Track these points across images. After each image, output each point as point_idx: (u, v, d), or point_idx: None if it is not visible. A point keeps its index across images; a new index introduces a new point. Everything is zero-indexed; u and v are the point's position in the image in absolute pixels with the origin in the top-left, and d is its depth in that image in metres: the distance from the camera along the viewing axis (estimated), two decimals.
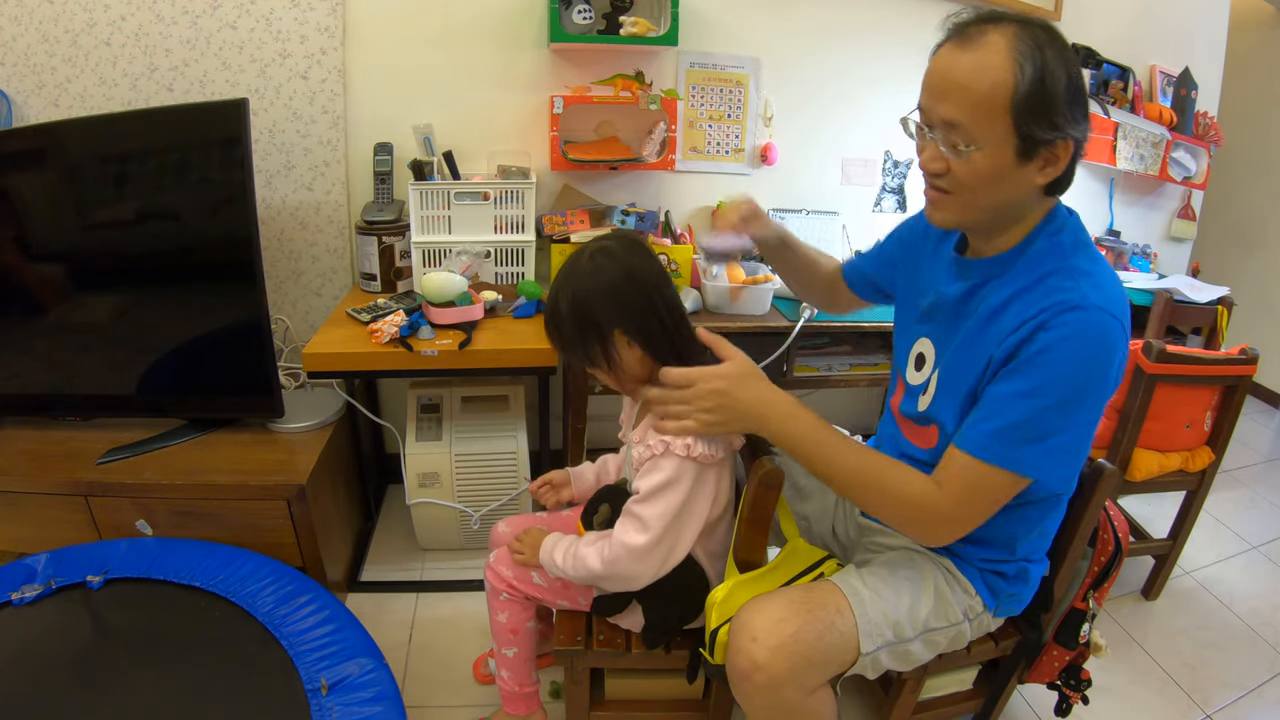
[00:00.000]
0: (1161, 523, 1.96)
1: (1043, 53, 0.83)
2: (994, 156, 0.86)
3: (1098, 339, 0.85)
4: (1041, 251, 0.93)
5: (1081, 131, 0.87)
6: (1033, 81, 0.82)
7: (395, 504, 2.09)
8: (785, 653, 0.93)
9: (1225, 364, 1.64)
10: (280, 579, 1.36)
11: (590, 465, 1.34)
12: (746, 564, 1.09)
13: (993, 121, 0.84)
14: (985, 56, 0.84)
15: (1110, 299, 0.87)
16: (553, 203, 2.05)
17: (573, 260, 1.04)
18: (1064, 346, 0.85)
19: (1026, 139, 0.84)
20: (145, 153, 1.52)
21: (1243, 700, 1.57)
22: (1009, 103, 0.83)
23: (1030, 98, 0.83)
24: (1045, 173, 0.88)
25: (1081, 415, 0.88)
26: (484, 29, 1.90)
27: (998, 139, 0.85)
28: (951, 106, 0.86)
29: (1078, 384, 0.86)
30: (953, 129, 0.86)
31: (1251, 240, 3.30)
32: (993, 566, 1.07)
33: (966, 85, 0.84)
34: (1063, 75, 0.83)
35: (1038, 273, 0.91)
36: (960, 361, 0.98)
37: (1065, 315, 0.85)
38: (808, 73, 2.11)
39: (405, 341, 1.59)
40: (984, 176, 0.88)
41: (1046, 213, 0.95)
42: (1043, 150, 0.86)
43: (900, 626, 1.01)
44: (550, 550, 1.12)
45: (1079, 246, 0.93)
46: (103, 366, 1.64)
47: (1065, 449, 0.88)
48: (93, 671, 1.17)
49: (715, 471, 1.06)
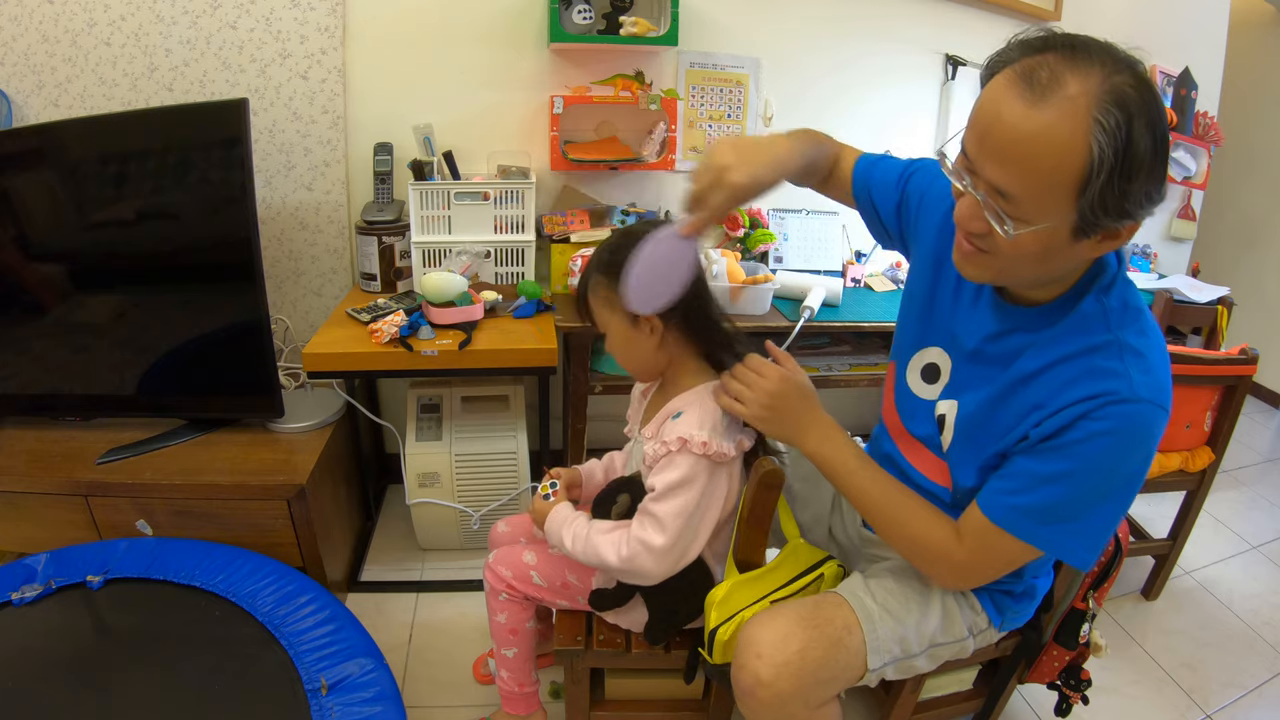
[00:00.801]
0: (1161, 523, 1.95)
1: (1130, 124, 0.66)
2: (1046, 237, 0.73)
3: (1144, 434, 0.79)
4: (1088, 315, 0.82)
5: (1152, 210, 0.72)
6: (1110, 168, 0.67)
7: (395, 504, 2.09)
8: (791, 670, 0.92)
9: (1225, 364, 1.64)
10: (280, 579, 1.36)
11: (598, 463, 1.33)
12: (746, 564, 1.09)
13: (1053, 204, 0.70)
14: (1058, 122, 0.67)
15: (1159, 387, 0.79)
16: (553, 203, 2.05)
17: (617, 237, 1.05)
18: (1106, 441, 0.78)
19: (1088, 222, 0.71)
20: (145, 153, 1.52)
21: (1243, 700, 1.57)
22: (1076, 187, 0.69)
23: (1105, 186, 0.68)
24: (1102, 247, 0.76)
25: (1112, 504, 0.84)
26: (484, 29, 1.90)
27: (1054, 220, 0.71)
28: (1006, 175, 0.71)
29: (1115, 478, 0.82)
30: (1003, 198, 0.72)
31: (1251, 240, 3.30)
32: (1002, 588, 1.06)
33: (1028, 155, 0.69)
34: (1148, 152, 0.67)
35: (1083, 343, 0.81)
36: (985, 420, 0.91)
37: (1112, 409, 0.77)
38: (808, 72, 2.11)
39: (405, 341, 1.59)
40: (1029, 253, 0.75)
41: (1090, 265, 0.83)
42: (1104, 228, 0.73)
43: (907, 642, 1.00)
44: (559, 527, 1.10)
45: (1129, 312, 0.82)
46: (103, 366, 1.64)
47: (1090, 533, 0.84)
48: (93, 672, 1.17)
49: (727, 470, 1.06)
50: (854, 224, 2.24)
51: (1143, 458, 0.81)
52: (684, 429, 1.00)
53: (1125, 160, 0.67)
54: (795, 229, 2.18)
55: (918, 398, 1.03)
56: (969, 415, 0.94)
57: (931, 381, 1.01)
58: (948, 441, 0.97)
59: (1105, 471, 0.80)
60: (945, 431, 0.98)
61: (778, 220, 2.17)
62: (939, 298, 1.01)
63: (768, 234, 2.11)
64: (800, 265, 2.15)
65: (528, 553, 1.23)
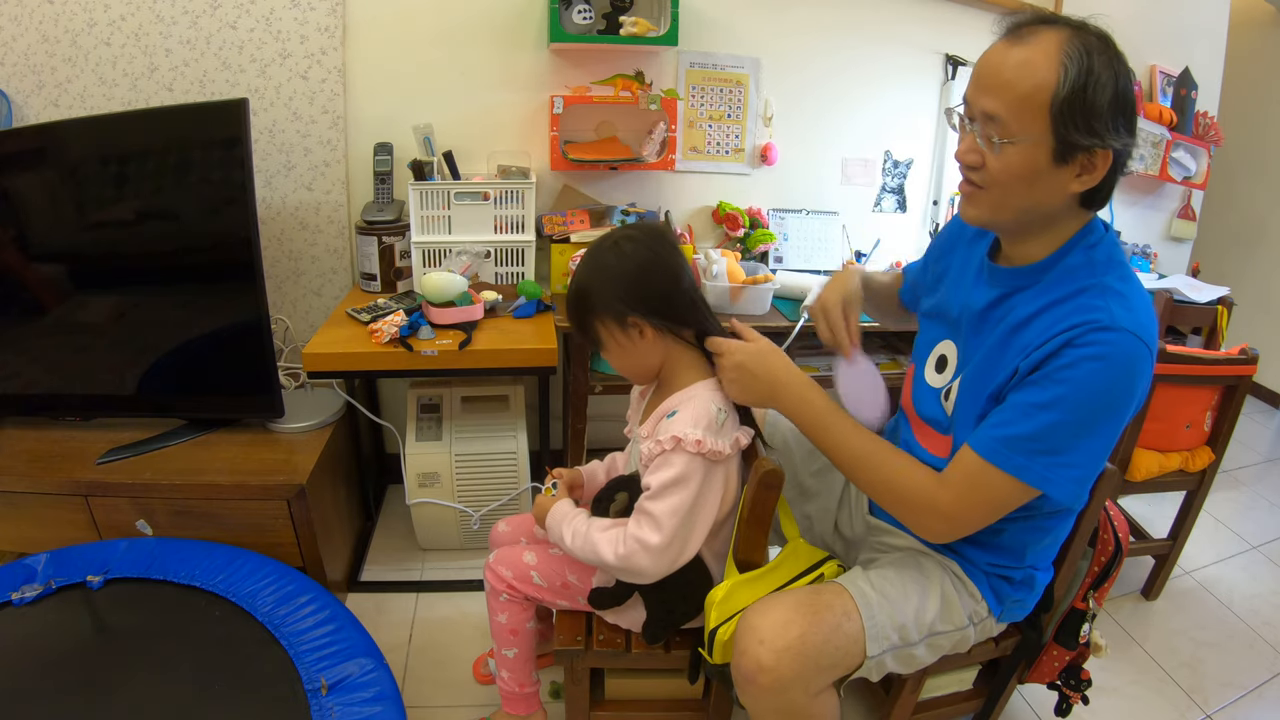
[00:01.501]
0: (1161, 523, 1.96)
1: (1091, 58, 0.82)
2: (1029, 154, 0.85)
3: (1125, 363, 0.84)
4: (1075, 266, 0.91)
5: (1123, 144, 0.85)
6: (1075, 84, 0.82)
7: (395, 504, 2.09)
8: (792, 655, 0.93)
9: (1225, 364, 1.64)
10: (280, 579, 1.36)
11: (599, 463, 1.34)
12: (746, 564, 1.09)
13: (1031, 119, 0.84)
14: (1032, 54, 0.84)
15: (1141, 323, 0.85)
16: (553, 203, 2.05)
17: (597, 245, 1.07)
18: (1089, 366, 0.83)
19: (1063, 142, 0.84)
20: (145, 153, 1.52)
21: (1243, 700, 1.57)
22: (1048, 102, 0.83)
23: (1071, 100, 0.82)
24: (1081, 180, 0.87)
25: (1097, 436, 0.86)
26: (484, 29, 1.90)
27: (1034, 138, 0.84)
28: (993, 99, 0.86)
29: (1098, 405, 0.85)
30: (991, 122, 0.86)
31: (1251, 240, 3.30)
32: (1000, 572, 1.07)
33: (1009, 80, 0.84)
34: (1109, 84, 0.83)
35: (1070, 288, 0.90)
36: (983, 373, 0.96)
37: (1094, 335, 0.84)
38: (808, 73, 2.11)
39: (405, 341, 1.59)
40: (1017, 174, 0.87)
41: (1083, 226, 0.93)
42: (1080, 156, 0.85)
43: (906, 630, 1.01)
44: (559, 522, 1.10)
45: (1113, 264, 0.91)
46: (103, 366, 1.64)
47: (1076, 466, 0.87)
48: (93, 671, 1.17)
49: (723, 469, 1.06)
50: (854, 224, 2.25)
51: (1125, 389, 0.85)
52: (678, 428, 1.00)
53: (1088, 83, 0.82)
54: (795, 229, 2.18)
55: (930, 387, 1.09)
56: (970, 376, 0.99)
57: (941, 370, 1.08)
58: (950, 409, 1.02)
59: (1088, 400, 0.84)
60: (949, 400, 1.02)
61: (778, 220, 2.17)
62: (950, 299, 1.09)
63: (768, 234, 2.11)
64: (800, 265, 2.15)
65: (528, 553, 1.23)
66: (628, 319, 1.03)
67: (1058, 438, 0.85)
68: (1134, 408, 0.87)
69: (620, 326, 1.04)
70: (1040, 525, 1.02)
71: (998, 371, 0.93)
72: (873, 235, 2.26)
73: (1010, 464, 0.87)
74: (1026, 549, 1.05)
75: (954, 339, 1.06)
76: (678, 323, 1.06)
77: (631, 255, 1.03)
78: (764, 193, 2.19)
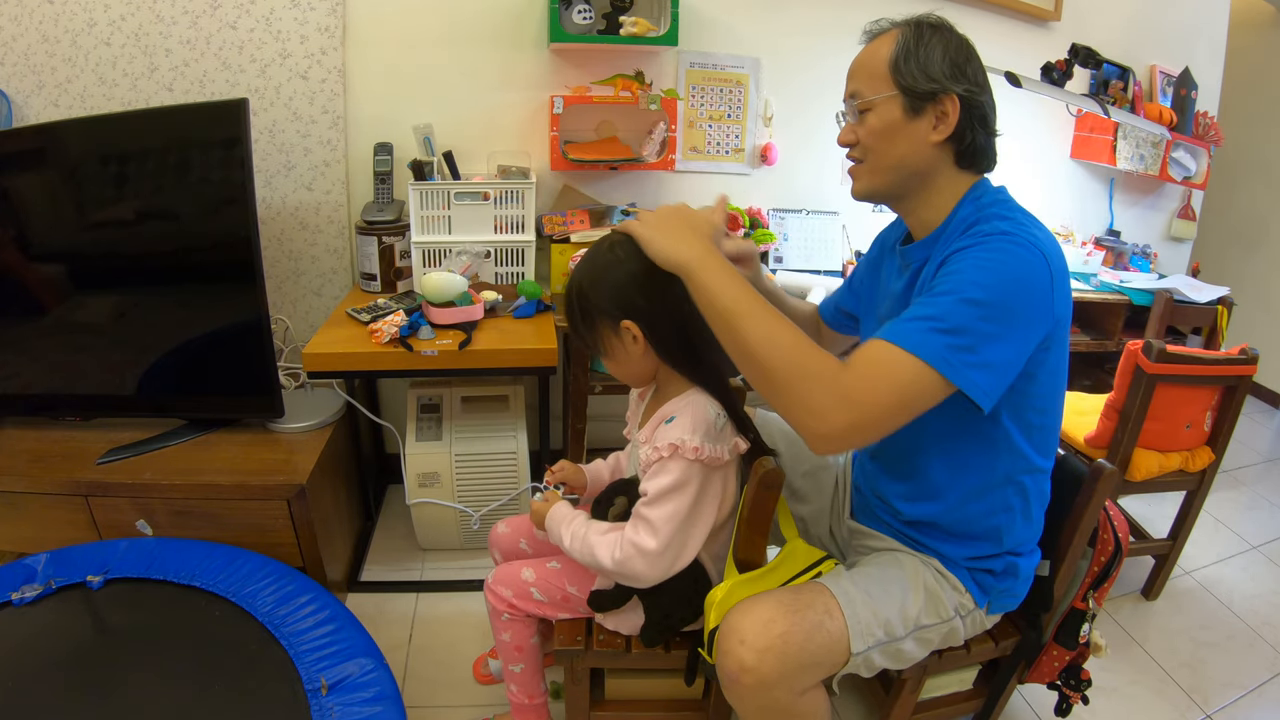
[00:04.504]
0: (1161, 523, 1.96)
1: (921, 30, 0.97)
2: (885, 112, 0.97)
3: (1010, 256, 0.87)
4: (965, 215, 0.99)
5: (965, 89, 0.95)
6: (907, 46, 0.96)
7: (395, 504, 2.09)
8: (774, 654, 0.93)
9: (1225, 364, 1.64)
10: (280, 579, 1.36)
11: (603, 462, 1.33)
12: (746, 564, 1.09)
13: (879, 82, 0.98)
14: (877, 43, 1.00)
15: (1034, 237, 0.90)
16: (553, 203, 2.05)
17: (595, 247, 1.07)
18: (975, 253, 0.89)
19: (908, 92, 0.96)
20: (145, 153, 1.52)
21: (1243, 700, 1.57)
22: (888, 63, 0.97)
23: (903, 57, 0.96)
24: (939, 129, 0.96)
25: (994, 324, 0.84)
26: (484, 29, 1.90)
27: (886, 98, 0.97)
28: (853, 82, 1.02)
29: (990, 290, 0.85)
30: (853, 99, 1.01)
31: (1251, 240, 3.30)
32: (981, 565, 1.08)
33: (862, 64, 1.01)
34: (938, 44, 0.96)
35: (963, 229, 0.97)
36: None
37: (980, 238, 0.90)
38: (808, 73, 2.11)
39: (405, 341, 1.59)
40: (880, 133, 0.98)
41: (969, 188, 1.01)
42: (929, 107, 0.96)
43: (891, 625, 1.01)
44: (558, 524, 1.11)
45: (1000, 204, 0.98)
46: (103, 366, 1.64)
47: (975, 351, 0.84)
48: (93, 672, 1.17)
49: (721, 474, 1.06)
50: (854, 224, 2.25)
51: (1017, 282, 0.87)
52: (675, 434, 1.00)
53: (918, 44, 0.96)
54: (795, 229, 2.18)
55: None
56: None
57: None
58: None
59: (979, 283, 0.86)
60: None
61: (778, 220, 2.18)
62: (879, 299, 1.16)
63: (768, 234, 2.11)
64: (800, 265, 2.15)
65: (526, 569, 1.22)
66: (622, 323, 1.03)
67: (954, 318, 0.84)
68: (1039, 311, 0.88)
69: (614, 330, 1.04)
70: (1007, 499, 1.03)
71: None
72: (872, 235, 2.26)
73: (908, 341, 0.84)
74: (1001, 533, 1.05)
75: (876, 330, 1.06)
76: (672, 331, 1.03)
77: (629, 258, 1.02)
78: (764, 193, 2.19)
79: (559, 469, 1.27)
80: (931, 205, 1.02)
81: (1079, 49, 2.21)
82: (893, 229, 1.20)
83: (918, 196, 1.02)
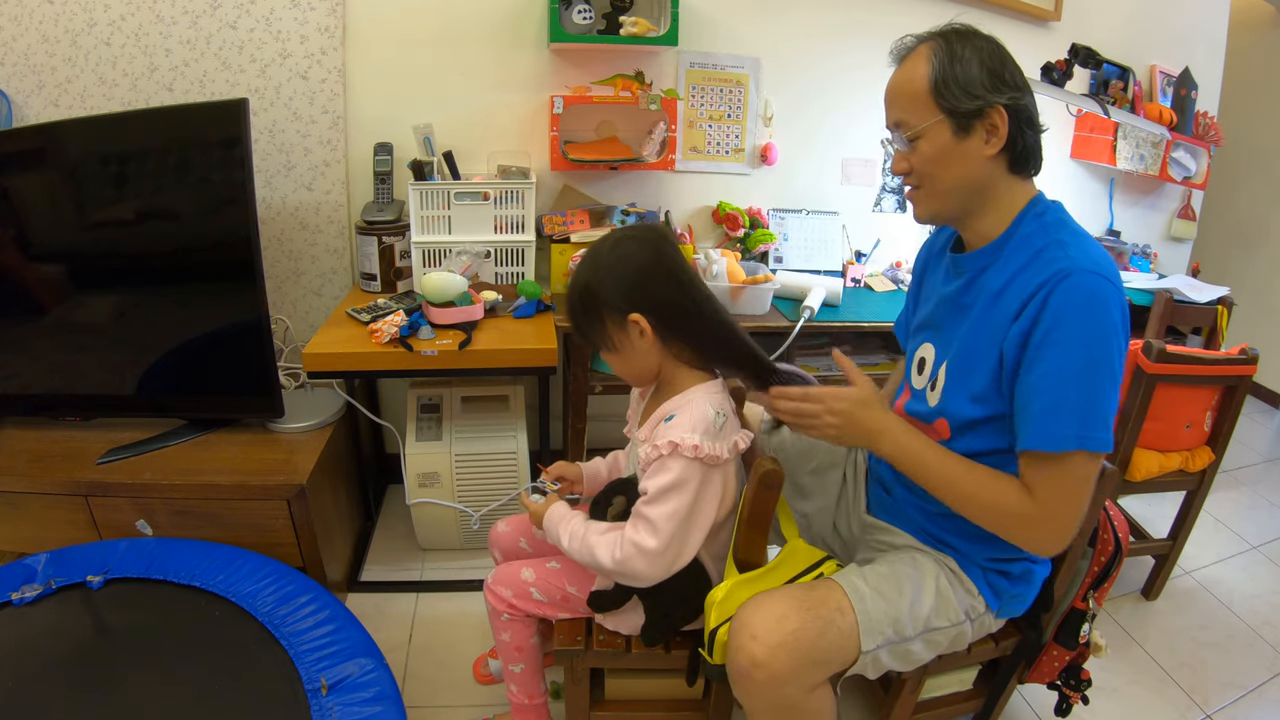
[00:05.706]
0: (1161, 523, 1.96)
1: (951, 45, 0.95)
2: (935, 137, 0.96)
3: (1095, 299, 0.89)
4: (1029, 233, 0.98)
5: (1009, 98, 0.94)
6: (943, 66, 0.94)
7: (395, 504, 2.09)
8: (786, 650, 0.93)
9: (1225, 364, 1.64)
10: (280, 579, 1.36)
11: (602, 460, 1.33)
12: (746, 564, 1.09)
13: (923, 108, 0.96)
14: (909, 66, 0.98)
15: (1098, 262, 0.91)
16: (553, 203, 2.05)
17: (598, 245, 1.07)
18: (1069, 317, 0.89)
19: (954, 114, 0.94)
20: (145, 153, 1.52)
21: (1243, 700, 1.57)
22: (928, 88, 0.95)
23: (943, 78, 0.94)
24: (991, 143, 0.95)
25: (1106, 371, 0.89)
26: (484, 29, 1.90)
27: (933, 123, 0.95)
28: (895, 110, 1.00)
29: (1092, 344, 0.88)
30: (900, 128, 0.99)
31: (1251, 240, 3.30)
32: (998, 566, 1.07)
33: (900, 91, 0.99)
34: (974, 57, 0.94)
35: (1029, 251, 0.96)
36: (969, 350, 1.00)
37: (1060, 285, 0.89)
38: (808, 73, 2.11)
39: (405, 341, 1.59)
40: (933, 159, 0.97)
41: (1028, 201, 1.00)
42: (977, 123, 0.94)
43: (901, 625, 1.01)
44: (556, 524, 1.10)
45: (1062, 225, 0.98)
46: (103, 366, 1.64)
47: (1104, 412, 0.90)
48: (93, 671, 1.17)
49: (721, 473, 1.06)
50: (854, 224, 2.25)
51: (1107, 321, 0.89)
52: (675, 433, 1.00)
53: (953, 61, 0.94)
54: (795, 229, 2.18)
55: (915, 389, 1.13)
56: (956, 355, 1.03)
57: (922, 371, 1.12)
58: (936, 398, 1.06)
59: (1083, 345, 0.88)
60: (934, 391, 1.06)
61: (778, 220, 2.18)
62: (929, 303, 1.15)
63: (768, 234, 2.11)
64: (800, 265, 2.15)
65: (526, 569, 1.22)
66: (630, 316, 1.03)
67: (1079, 390, 0.88)
68: (1124, 333, 0.91)
69: (621, 325, 1.04)
70: None
71: (984, 351, 0.97)
72: (873, 235, 2.26)
73: (1063, 439, 0.89)
74: None
75: (932, 340, 1.11)
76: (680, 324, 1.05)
77: (634, 255, 1.03)
78: (764, 193, 2.19)
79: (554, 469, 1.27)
80: (989, 218, 1.01)
81: (1079, 49, 2.21)
82: (936, 237, 1.21)
83: (976, 210, 1.01)
